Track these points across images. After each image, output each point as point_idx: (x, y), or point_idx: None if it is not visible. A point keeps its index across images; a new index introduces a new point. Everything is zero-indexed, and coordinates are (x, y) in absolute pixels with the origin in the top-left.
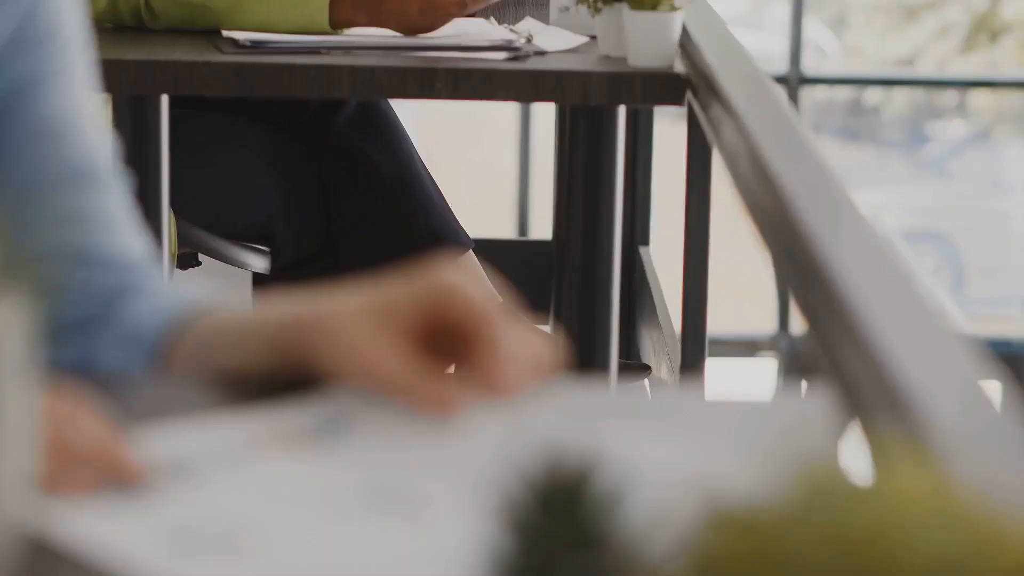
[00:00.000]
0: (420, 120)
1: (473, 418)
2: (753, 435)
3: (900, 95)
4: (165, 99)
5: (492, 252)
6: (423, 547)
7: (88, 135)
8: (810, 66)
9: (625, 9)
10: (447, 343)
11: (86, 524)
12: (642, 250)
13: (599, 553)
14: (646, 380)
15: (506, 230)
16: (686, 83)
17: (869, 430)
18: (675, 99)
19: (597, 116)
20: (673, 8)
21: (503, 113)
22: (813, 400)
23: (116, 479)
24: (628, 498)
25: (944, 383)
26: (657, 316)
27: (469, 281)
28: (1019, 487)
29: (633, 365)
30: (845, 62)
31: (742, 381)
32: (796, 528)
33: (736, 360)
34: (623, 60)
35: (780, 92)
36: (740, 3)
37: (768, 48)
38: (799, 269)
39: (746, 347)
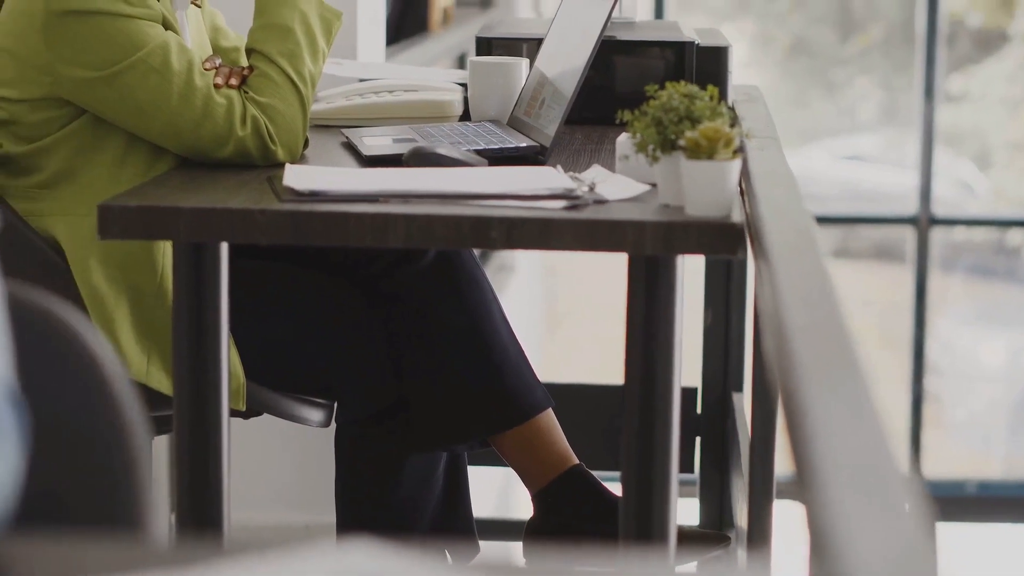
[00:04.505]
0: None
1: None
2: None
3: None
4: (224, 247)
5: (593, 399)
6: None
7: None
8: (952, 205)
9: (682, 158)
10: None
11: None
12: (735, 396)
13: None
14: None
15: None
16: (741, 233)
17: None
18: (730, 249)
19: (655, 264)
20: (731, 157)
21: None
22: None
23: None
24: None
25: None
26: (741, 465)
27: None
28: None
29: (708, 535)
30: (991, 200)
31: None
32: None
33: None
34: (681, 209)
35: (824, 246)
36: (878, 141)
37: (908, 184)
38: (795, 426)
39: None
